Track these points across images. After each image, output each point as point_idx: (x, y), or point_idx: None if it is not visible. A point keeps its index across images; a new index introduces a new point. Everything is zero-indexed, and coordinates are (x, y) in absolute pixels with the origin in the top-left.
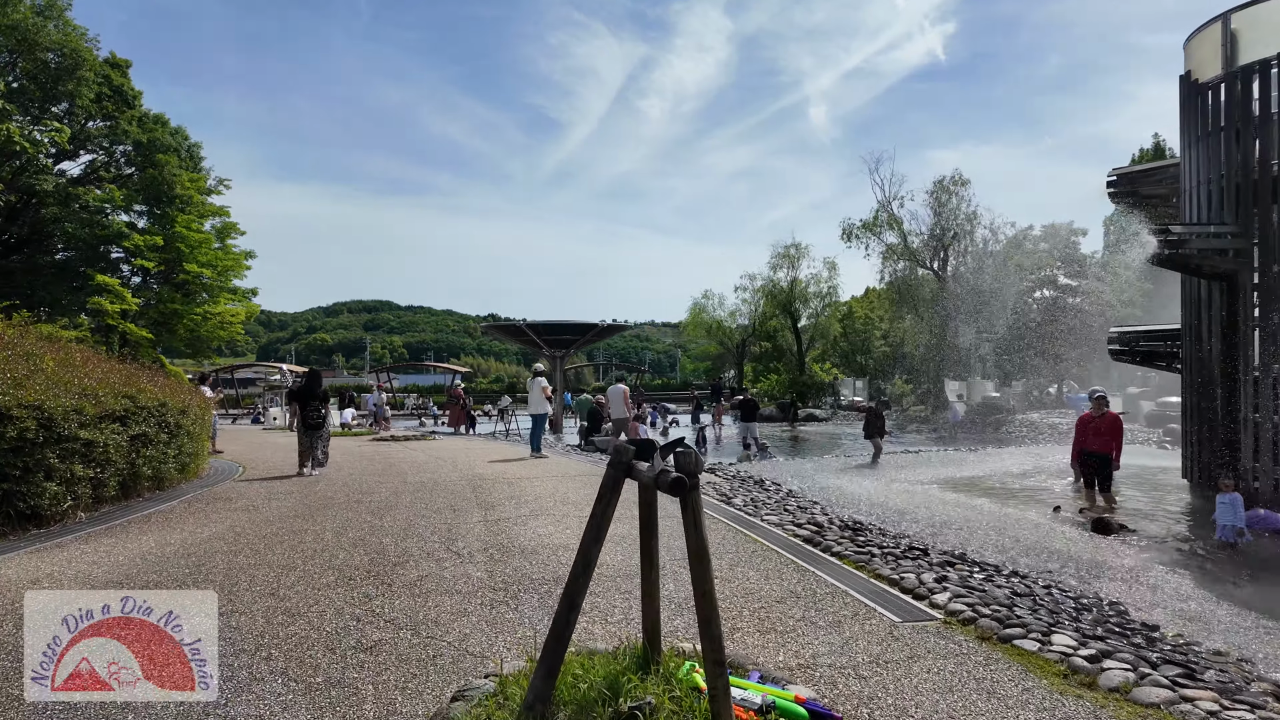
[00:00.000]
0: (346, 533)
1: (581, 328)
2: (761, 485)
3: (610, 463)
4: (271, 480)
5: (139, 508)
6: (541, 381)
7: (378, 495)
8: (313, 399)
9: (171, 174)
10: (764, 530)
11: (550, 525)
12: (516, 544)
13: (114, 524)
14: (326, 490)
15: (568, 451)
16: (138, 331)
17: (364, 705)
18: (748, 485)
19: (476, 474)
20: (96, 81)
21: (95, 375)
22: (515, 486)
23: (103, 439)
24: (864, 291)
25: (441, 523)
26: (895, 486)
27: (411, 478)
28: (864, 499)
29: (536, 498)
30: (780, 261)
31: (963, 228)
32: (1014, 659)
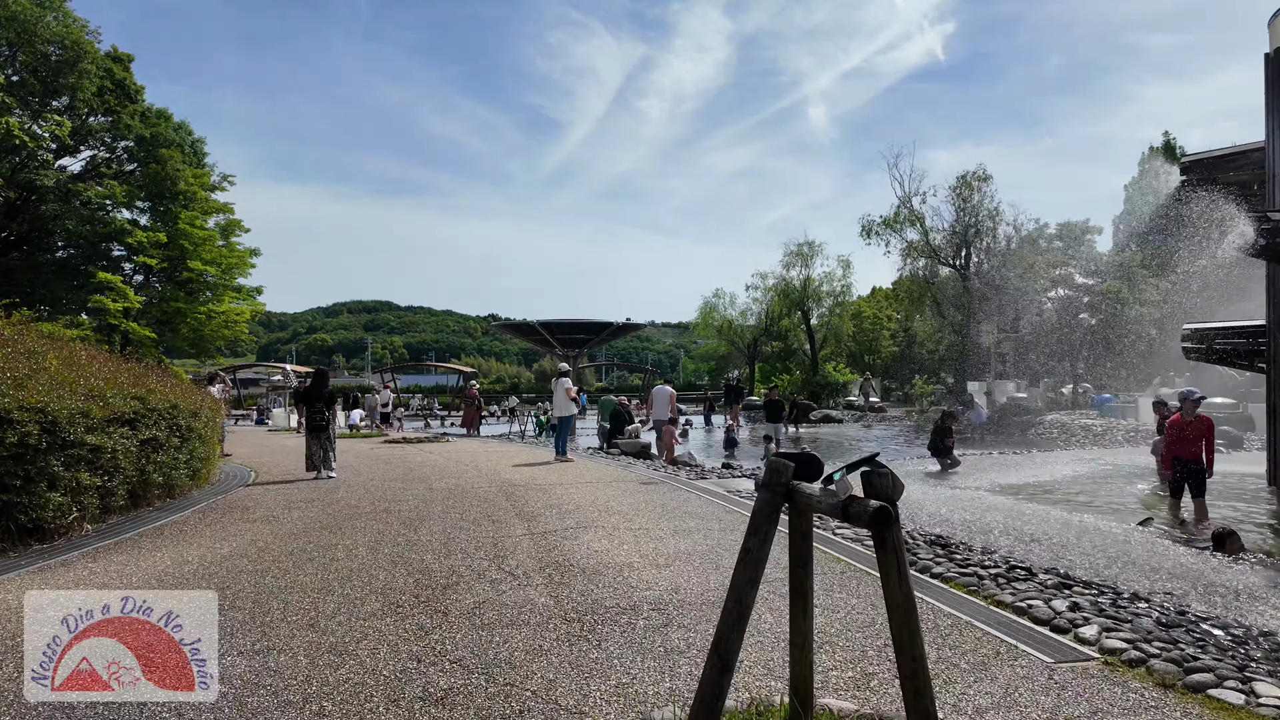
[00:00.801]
0: (381, 548)
1: (596, 326)
2: None
3: (764, 483)
4: (286, 485)
5: (149, 518)
6: (565, 382)
7: (405, 504)
8: (317, 400)
9: (174, 169)
10: (842, 545)
11: (603, 540)
12: (573, 562)
13: (124, 537)
14: (349, 498)
15: (591, 454)
16: (140, 331)
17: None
18: None
19: (505, 479)
20: (98, 75)
21: (102, 375)
22: (550, 494)
23: (111, 444)
24: (870, 291)
25: (483, 536)
26: (956, 494)
27: (437, 483)
28: (927, 509)
29: (577, 507)
30: (793, 260)
31: (985, 224)
32: (1222, 716)
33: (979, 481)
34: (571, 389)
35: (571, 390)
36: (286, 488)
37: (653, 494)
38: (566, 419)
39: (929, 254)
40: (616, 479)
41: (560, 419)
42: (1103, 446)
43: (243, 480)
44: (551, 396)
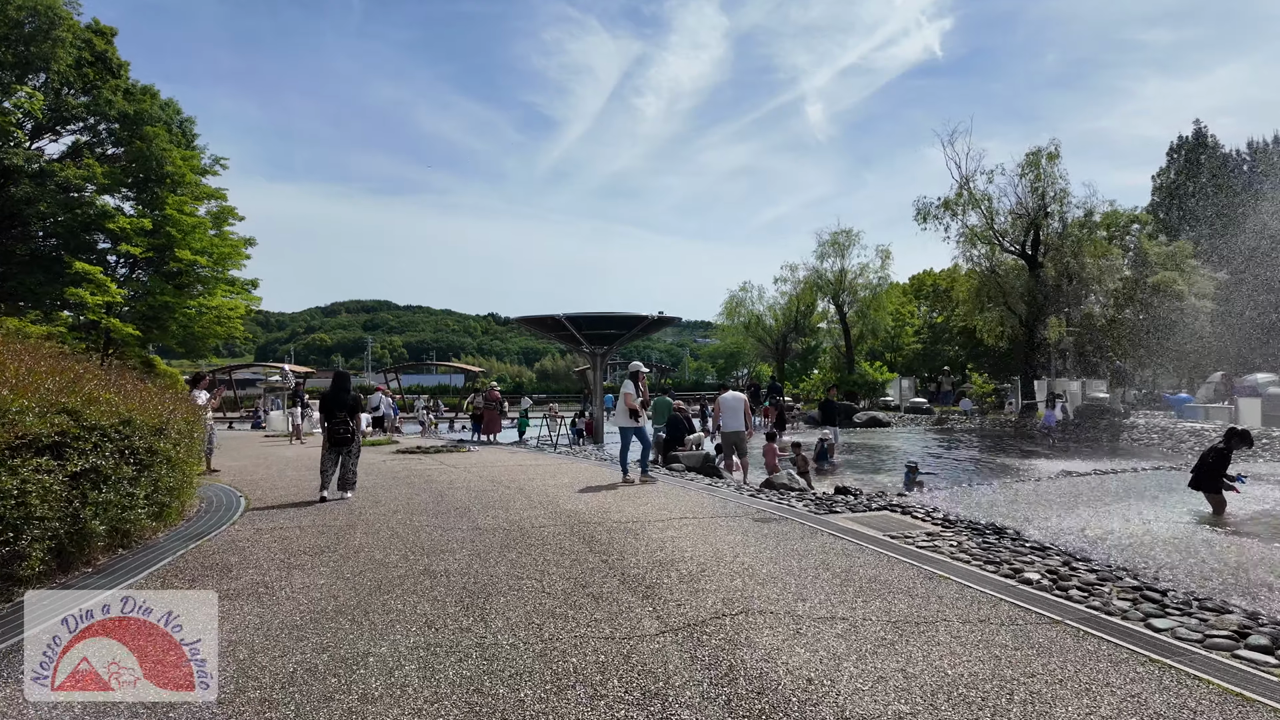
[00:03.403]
0: (440, 665)
1: (627, 320)
2: (989, 533)
3: None
4: (286, 517)
5: (72, 595)
6: (626, 385)
7: (452, 558)
8: (339, 409)
9: (161, 149)
10: (1108, 624)
11: (793, 645)
12: (779, 706)
13: (9, 640)
14: (372, 547)
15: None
16: (122, 328)
17: None
18: (958, 531)
19: (568, 511)
20: (76, 45)
21: (9, 379)
22: (644, 538)
23: (14, 484)
24: (887, 287)
25: (595, 634)
26: (1153, 529)
27: (482, 519)
28: (1144, 551)
29: (701, 568)
30: (827, 250)
31: (1052, 207)
32: None
33: (1158, 513)
34: (633, 395)
35: (632, 397)
36: (287, 523)
37: (794, 542)
38: (627, 431)
39: (991, 239)
40: (718, 513)
41: (622, 431)
42: None
43: (229, 510)
44: (586, 395)
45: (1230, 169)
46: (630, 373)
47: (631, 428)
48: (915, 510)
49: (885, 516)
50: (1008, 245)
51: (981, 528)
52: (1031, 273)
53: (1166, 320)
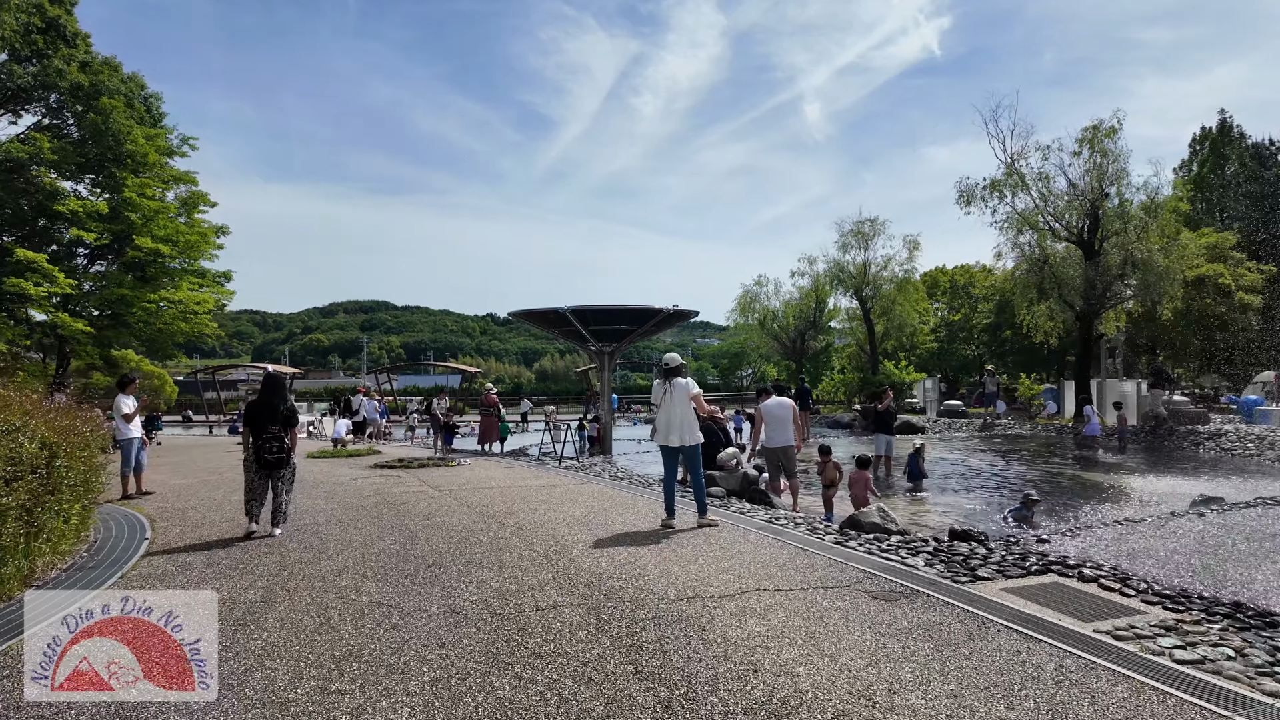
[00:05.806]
0: None
1: (639, 314)
2: (1255, 623)
3: None
4: (188, 561)
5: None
6: (690, 385)
7: (403, 686)
8: (270, 421)
9: (119, 124)
10: None
11: None
12: None
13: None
14: (278, 655)
15: (616, 483)
16: (71, 323)
17: None
18: (1197, 616)
19: (591, 577)
20: (23, 10)
21: None
22: (721, 642)
23: None
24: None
25: None
26: None
27: (462, 592)
28: None
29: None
30: (850, 240)
31: (1110, 189)
32: None
33: None
34: (702, 397)
35: (702, 400)
36: (182, 575)
37: (962, 650)
38: (682, 453)
39: (1041, 224)
40: (810, 581)
41: (669, 452)
42: None
43: (125, 553)
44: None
45: (1264, 159)
46: (672, 367)
47: (684, 447)
48: (1097, 576)
49: (1058, 586)
50: (1060, 231)
51: (1231, 611)
52: (1089, 261)
53: (1217, 317)
